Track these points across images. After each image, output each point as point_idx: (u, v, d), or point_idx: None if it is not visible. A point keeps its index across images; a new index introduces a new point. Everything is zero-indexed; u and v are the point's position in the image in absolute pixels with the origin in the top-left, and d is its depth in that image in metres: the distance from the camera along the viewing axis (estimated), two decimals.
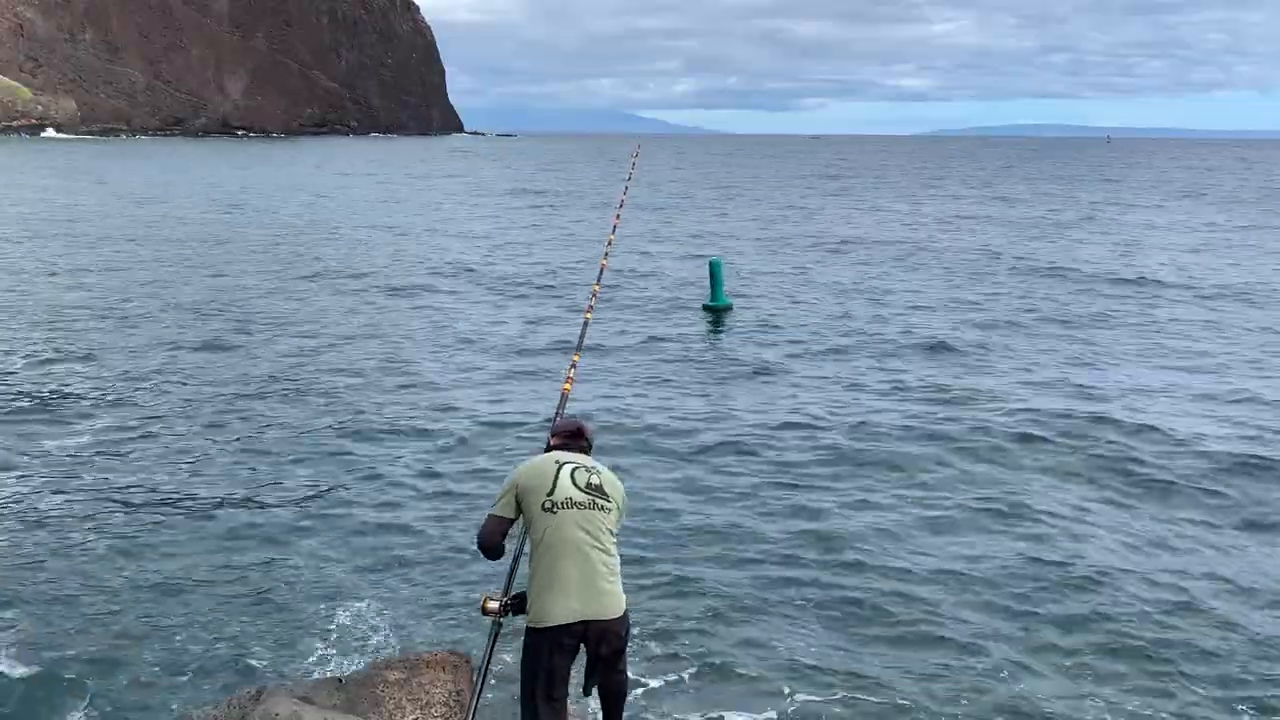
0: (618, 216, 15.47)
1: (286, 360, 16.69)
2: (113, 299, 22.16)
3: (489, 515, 5.35)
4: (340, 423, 13.10)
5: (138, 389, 14.71)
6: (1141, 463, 11.18)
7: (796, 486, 10.69)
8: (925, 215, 46.90)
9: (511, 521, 5.33)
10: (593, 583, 5.06)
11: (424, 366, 16.47)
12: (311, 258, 29.98)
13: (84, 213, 42.65)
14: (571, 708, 5.69)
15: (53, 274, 25.76)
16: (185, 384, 15.04)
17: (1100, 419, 12.75)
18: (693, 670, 7.11)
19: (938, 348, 17.30)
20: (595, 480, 5.26)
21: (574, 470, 5.25)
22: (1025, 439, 12.08)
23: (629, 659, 5.44)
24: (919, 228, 40.76)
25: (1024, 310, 21.24)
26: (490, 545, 5.34)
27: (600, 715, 5.67)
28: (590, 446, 5.63)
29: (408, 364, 16.60)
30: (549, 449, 5.61)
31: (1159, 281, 25.42)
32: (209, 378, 15.43)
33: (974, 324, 19.59)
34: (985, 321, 19.85)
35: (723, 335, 18.82)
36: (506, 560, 5.60)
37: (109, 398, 14.23)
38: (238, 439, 12.40)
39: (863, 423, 12.92)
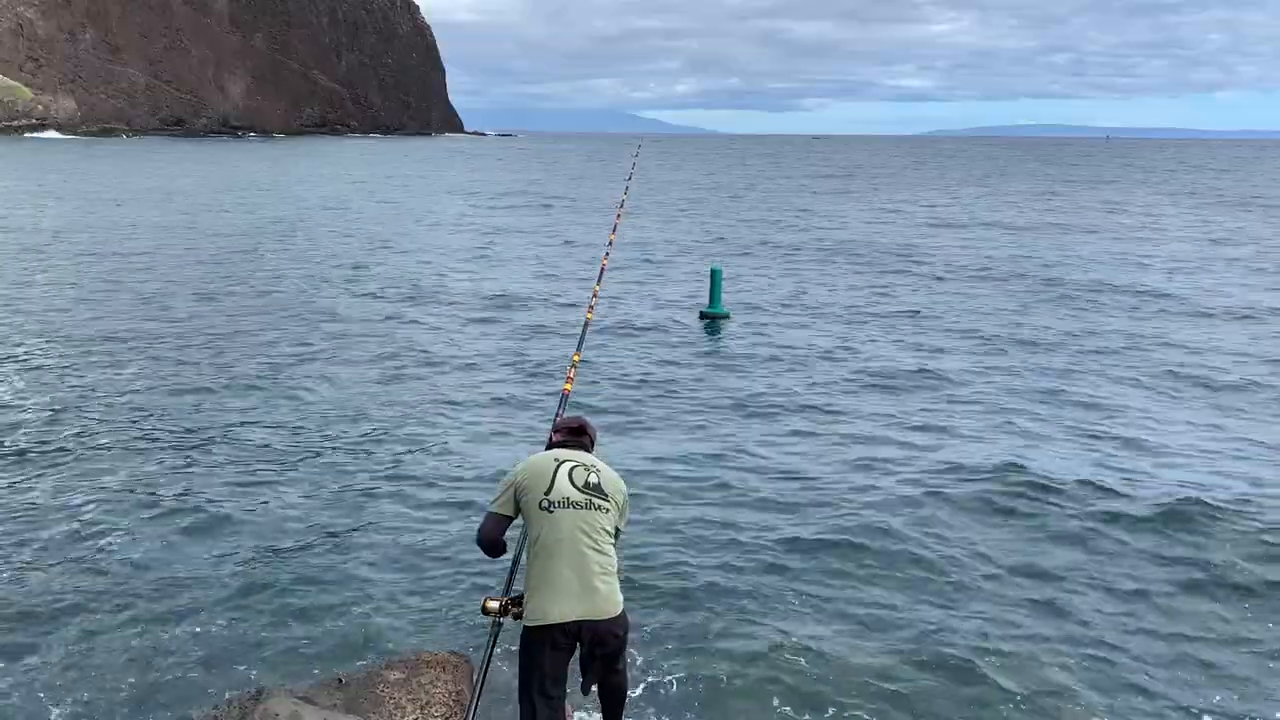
0: (618, 217, 15.47)
1: (282, 361, 16.68)
2: (88, 316, 22.14)
3: (488, 513, 5.38)
4: (336, 425, 13.10)
5: (137, 396, 14.72)
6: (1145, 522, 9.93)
7: (788, 495, 10.62)
8: (926, 217, 46.91)
9: (510, 519, 5.35)
10: (587, 582, 5.08)
11: (421, 366, 16.46)
12: (306, 261, 29.98)
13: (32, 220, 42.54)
14: (571, 708, 5.72)
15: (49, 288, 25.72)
16: (180, 389, 15.04)
17: (1102, 463, 11.63)
18: (689, 673, 7.12)
19: (935, 366, 16.67)
20: (594, 479, 5.25)
21: (573, 469, 5.26)
22: (1015, 466, 11.43)
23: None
24: (920, 231, 40.78)
25: (1024, 325, 20.55)
26: (489, 543, 5.38)
27: (601, 715, 5.69)
28: (592, 443, 5.64)
29: (404, 364, 16.59)
30: (550, 445, 5.63)
31: (1165, 294, 25.21)
32: (205, 382, 15.43)
33: (974, 338, 19.04)
34: (984, 337, 19.17)
35: (719, 344, 18.70)
36: (506, 560, 5.62)
37: (107, 402, 14.25)
38: (233, 441, 12.39)
39: (854, 436, 12.77)
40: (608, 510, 5.22)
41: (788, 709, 6.69)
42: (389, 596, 8.24)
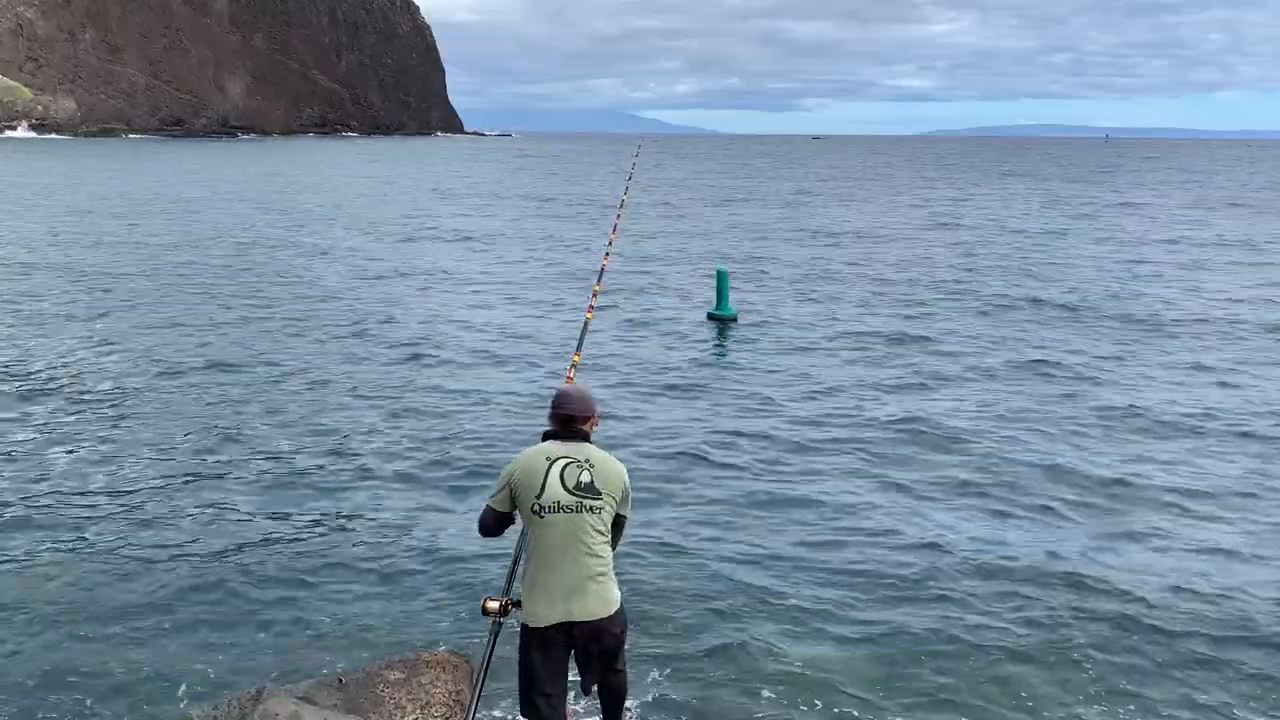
0: (618, 217, 15.45)
1: (278, 357, 16.69)
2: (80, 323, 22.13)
3: (486, 505, 5.37)
4: (335, 425, 13.09)
5: (132, 395, 14.72)
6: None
7: (791, 504, 10.55)
8: (928, 217, 46.91)
9: (507, 514, 5.31)
10: (580, 585, 5.07)
11: (422, 364, 16.46)
12: (307, 258, 29.99)
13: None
14: (575, 706, 5.71)
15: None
16: (180, 391, 15.05)
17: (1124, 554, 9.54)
18: (689, 675, 7.11)
19: (944, 379, 16.01)
20: (585, 478, 5.14)
21: (565, 468, 5.14)
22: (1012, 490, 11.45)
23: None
24: (922, 230, 40.80)
25: (1029, 338, 20.05)
26: (487, 531, 5.41)
27: (601, 715, 5.69)
28: (593, 422, 5.36)
29: (404, 363, 16.59)
30: (547, 435, 5.47)
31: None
32: (205, 385, 15.44)
33: (984, 355, 18.41)
34: (990, 358, 18.78)
35: (727, 346, 18.56)
36: (506, 560, 5.61)
37: (104, 402, 14.24)
38: (234, 440, 12.39)
39: (861, 445, 12.59)
40: (601, 509, 5.14)
41: (778, 713, 6.69)
42: (389, 596, 8.23)
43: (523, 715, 5.28)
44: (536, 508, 5.09)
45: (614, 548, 5.34)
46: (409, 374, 15.89)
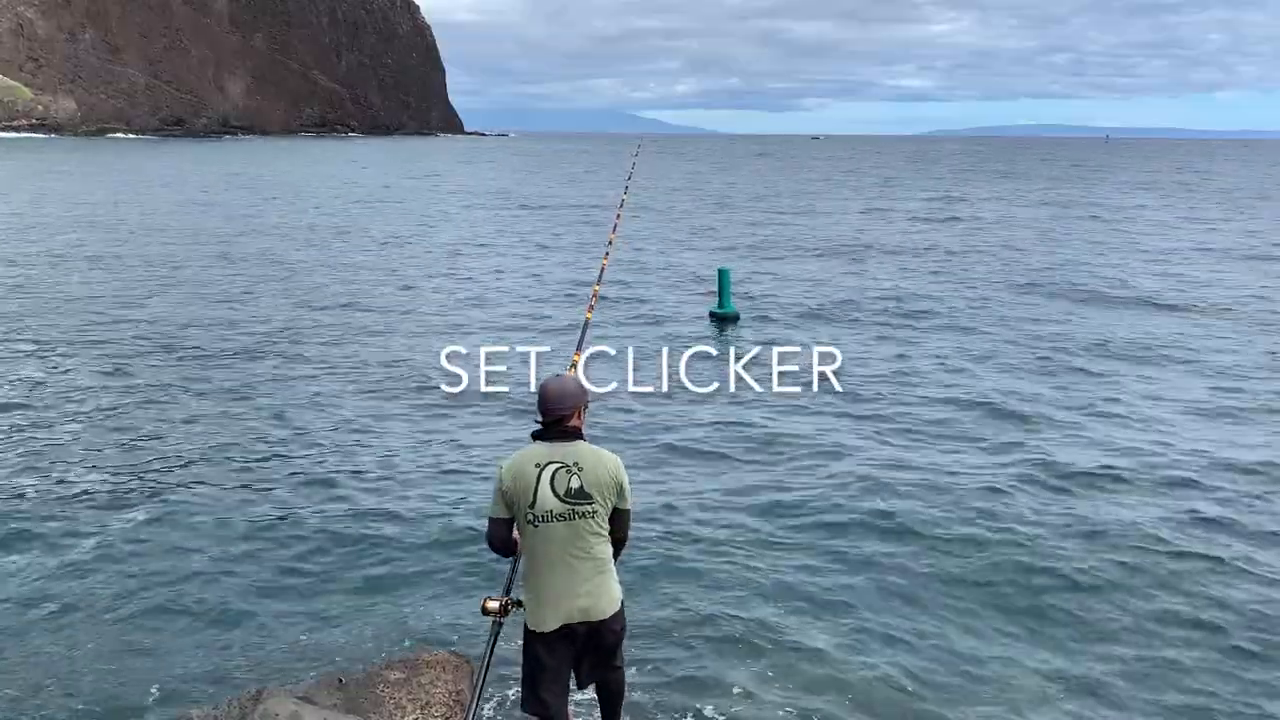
0: (618, 216, 15.45)
1: (276, 363, 16.69)
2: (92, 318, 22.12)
3: (489, 519, 5.33)
4: (334, 427, 13.09)
5: (131, 386, 14.73)
6: None
7: (790, 503, 10.51)
8: (932, 220, 46.88)
9: (510, 519, 5.28)
10: (578, 590, 5.07)
11: (419, 364, 16.45)
12: (303, 259, 29.98)
13: None
14: (574, 707, 5.71)
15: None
16: (177, 383, 15.05)
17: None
18: (689, 677, 7.12)
19: (945, 366, 16.18)
20: (575, 483, 5.06)
21: (554, 474, 5.07)
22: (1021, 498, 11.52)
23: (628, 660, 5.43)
24: (924, 230, 40.74)
25: (1032, 335, 19.90)
26: (499, 545, 5.31)
27: (600, 714, 5.69)
28: (580, 410, 5.20)
29: (404, 363, 16.59)
30: (536, 435, 5.39)
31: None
32: (201, 376, 15.44)
33: (990, 353, 18.48)
34: (1002, 354, 18.72)
35: (729, 344, 18.51)
36: (506, 560, 5.61)
37: (103, 397, 14.25)
38: (235, 437, 12.39)
39: (863, 446, 12.55)
40: (595, 513, 5.09)
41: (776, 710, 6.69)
42: (389, 597, 8.23)
43: (525, 713, 5.29)
44: (530, 517, 5.07)
45: (623, 539, 5.30)
46: (406, 374, 15.88)
